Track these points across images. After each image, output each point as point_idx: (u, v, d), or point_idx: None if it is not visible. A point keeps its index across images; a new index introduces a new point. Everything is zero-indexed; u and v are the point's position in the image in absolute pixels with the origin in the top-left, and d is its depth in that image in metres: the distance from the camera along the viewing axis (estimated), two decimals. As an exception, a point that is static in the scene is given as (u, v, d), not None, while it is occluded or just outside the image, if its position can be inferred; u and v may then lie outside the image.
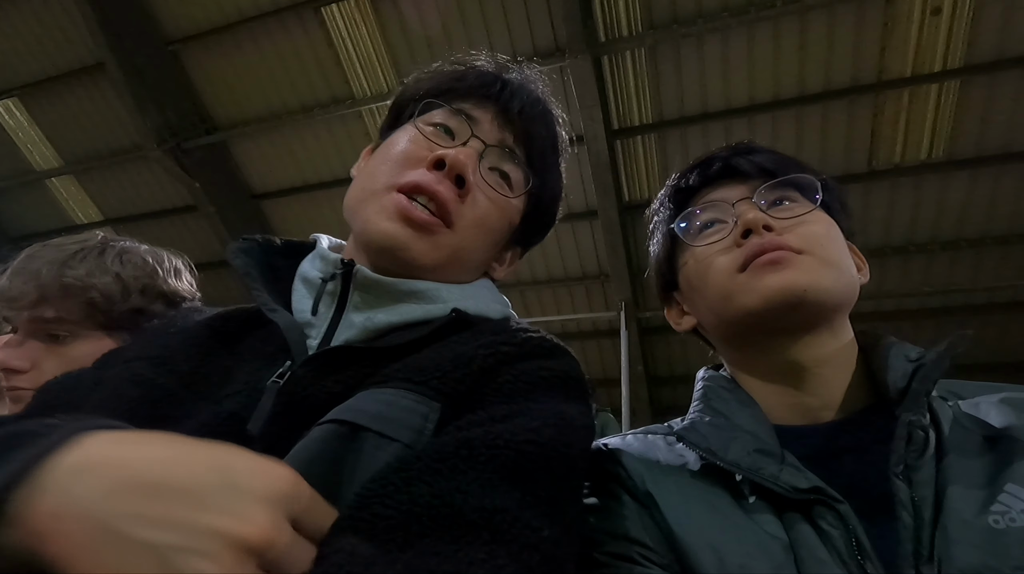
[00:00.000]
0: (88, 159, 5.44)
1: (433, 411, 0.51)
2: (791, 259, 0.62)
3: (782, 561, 0.52)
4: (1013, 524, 0.47)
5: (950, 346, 0.58)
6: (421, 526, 0.40)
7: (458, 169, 0.62)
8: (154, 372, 0.56)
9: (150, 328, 0.67)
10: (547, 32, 4.13)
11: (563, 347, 0.61)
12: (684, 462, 0.64)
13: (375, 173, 0.65)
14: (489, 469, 0.44)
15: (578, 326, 5.98)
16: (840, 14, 3.73)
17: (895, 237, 4.64)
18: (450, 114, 0.67)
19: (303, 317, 0.62)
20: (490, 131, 0.67)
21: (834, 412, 0.63)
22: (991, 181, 4.28)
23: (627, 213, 4.80)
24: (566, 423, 0.51)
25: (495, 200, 0.67)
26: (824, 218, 0.69)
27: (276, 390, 0.53)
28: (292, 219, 5.56)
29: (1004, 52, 3.70)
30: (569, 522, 0.47)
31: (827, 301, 0.62)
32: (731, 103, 4.24)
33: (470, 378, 0.53)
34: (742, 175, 0.71)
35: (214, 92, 4.91)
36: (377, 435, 0.48)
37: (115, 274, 0.97)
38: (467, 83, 0.69)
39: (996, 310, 4.93)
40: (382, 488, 0.42)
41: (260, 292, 0.61)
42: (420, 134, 0.66)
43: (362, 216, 0.63)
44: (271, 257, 0.70)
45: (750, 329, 0.67)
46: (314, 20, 4.38)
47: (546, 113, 0.73)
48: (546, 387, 0.54)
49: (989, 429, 0.57)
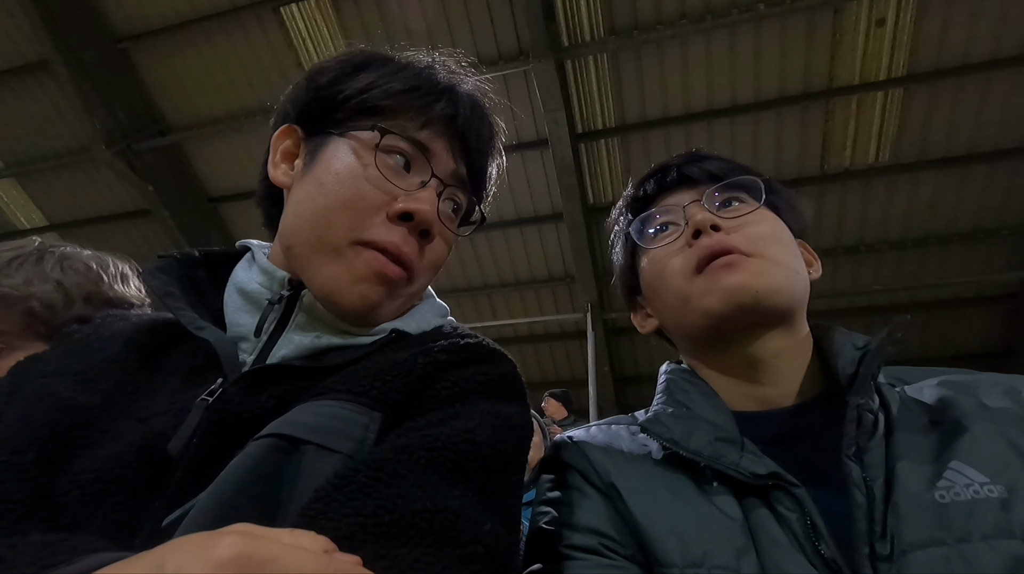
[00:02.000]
0: (31, 161, 5.19)
1: (374, 421, 0.50)
2: (743, 262, 0.65)
3: (743, 545, 0.53)
4: (957, 498, 0.49)
5: (891, 332, 0.61)
6: (366, 534, 0.40)
7: (426, 225, 0.60)
8: (74, 390, 0.53)
9: (72, 337, 0.62)
10: (511, 35, 4.16)
11: (500, 351, 0.61)
12: (648, 451, 0.65)
13: (330, 219, 0.58)
14: (429, 471, 0.45)
15: (545, 328, 6.01)
16: (792, 23, 3.89)
17: (847, 237, 4.84)
18: (406, 144, 0.61)
19: (238, 331, 0.59)
20: (446, 164, 0.63)
21: (791, 399, 0.66)
22: (933, 184, 4.52)
23: (592, 215, 4.87)
24: (502, 421, 0.52)
25: (447, 238, 0.66)
26: (770, 217, 0.72)
27: (204, 407, 0.51)
28: (253, 223, 5.39)
29: (942, 63, 3.93)
30: (509, 515, 0.49)
31: (780, 300, 0.65)
32: (691, 108, 4.36)
33: (409, 387, 0.53)
34: (692, 181, 0.74)
35: (167, 92, 4.75)
36: (318, 447, 0.47)
37: (56, 281, 0.91)
38: (428, 108, 0.62)
39: (939, 306, 5.20)
40: (326, 505, 0.42)
41: (184, 310, 0.58)
42: (376, 169, 0.59)
43: (325, 272, 0.58)
44: (191, 270, 0.66)
45: (709, 329, 0.69)
46: (273, 20, 4.29)
47: (495, 133, 0.70)
48: (482, 391, 0.54)
49: (932, 410, 0.60)
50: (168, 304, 0.59)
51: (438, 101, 0.62)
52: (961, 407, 0.58)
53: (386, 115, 0.61)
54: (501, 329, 5.95)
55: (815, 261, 0.76)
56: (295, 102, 0.67)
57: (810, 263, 0.75)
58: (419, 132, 0.61)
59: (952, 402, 0.59)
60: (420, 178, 0.61)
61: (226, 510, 0.43)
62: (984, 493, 0.49)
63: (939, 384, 0.63)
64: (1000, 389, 0.60)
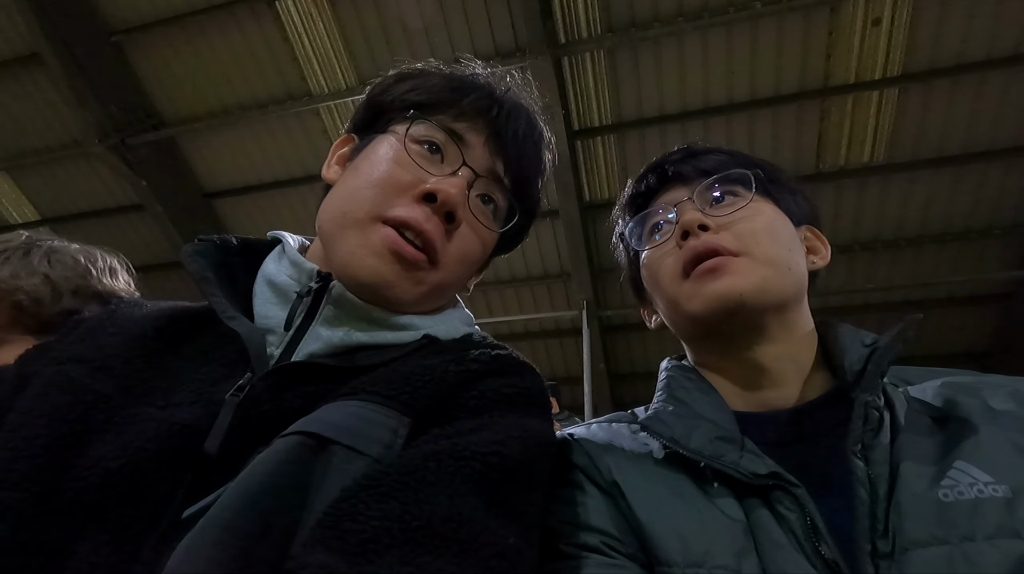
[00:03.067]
0: (22, 155, 5.12)
1: (403, 426, 0.50)
2: (728, 264, 0.64)
3: (743, 545, 0.53)
4: (961, 497, 0.49)
5: (902, 330, 0.61)
6: (392, 538, 0.40)
7: (449, 206, 0.60)
8: (90, 377, 0.52)
9: (84, 325, 0.61)
10: (508, 32, 4.14)
11: (528, 364, 0.62)
12: (648, 450, 0.65)
13: (357, 195, 0.61)
14: (457, 480, 0.45)
15: (540, 325, 6.01)
16: (788, 21, 3.88)
17: (841, 236, 4.85)
18: (440, 133, 0.63)
19: (266, 323, 0.59)
20: (481, 157, 0.64)
21: (793, 401, 0.65)
22: (927, 184, 4.54)
23: (588, 212, 4.86)
24: (529, 436, 0.52)
25: (480, 233, 0.65)
26: (765, 210, 0.70)
27: (235, 404, 0.51)
28: (247, 219, 5.38)
29: (937, 62, 3.94)
30: (531, 530, 0.49)
31: (767, 301, 0.64)
32: (687, 106, 4.35)
33: (440, 394, 0.53)
34: (685, 178, 0.73)
35: (161, 86, 4.70)
36: (346, 449, 0.47)
37: (43, 275, 0.91)
38: (461, 100, 0.65)
39: (933, 305, 5.22)
40: (352, 506, 0.42)
41: (219, 298, 0.58)
42: (407, 154, 0.61)
43: (345, 245, 0.59)
44: (227, 257, 0.66)
45: (699, 334, 0.70)
46: (268, 14, 4.25)
47: (539, 137, 0.71)
48: (510, 403, 0.55)
49: (936, 411, 0.59)
50: (203, 289, 0.59)
51: (472, 94, 0.65)
52: (966, 408, 0.58)
53: (424, 110, 0.64)
54: (497, 326, 5.95)
55: (823, 248, 0.75)
56: (353, 116, 0.73)
57: (816, 250, 0.74)
58: (453, 123, 0.63)
59: (956, 403, 0.59)
60: (452, 167, 0.63)
61: (248, 505, 0.42)
62: (988, 493, 0.49)
63: (943, 385, 0.62)
64: (1004, 391, 0.59)
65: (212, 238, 0.66)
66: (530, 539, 0.48)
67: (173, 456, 0.48)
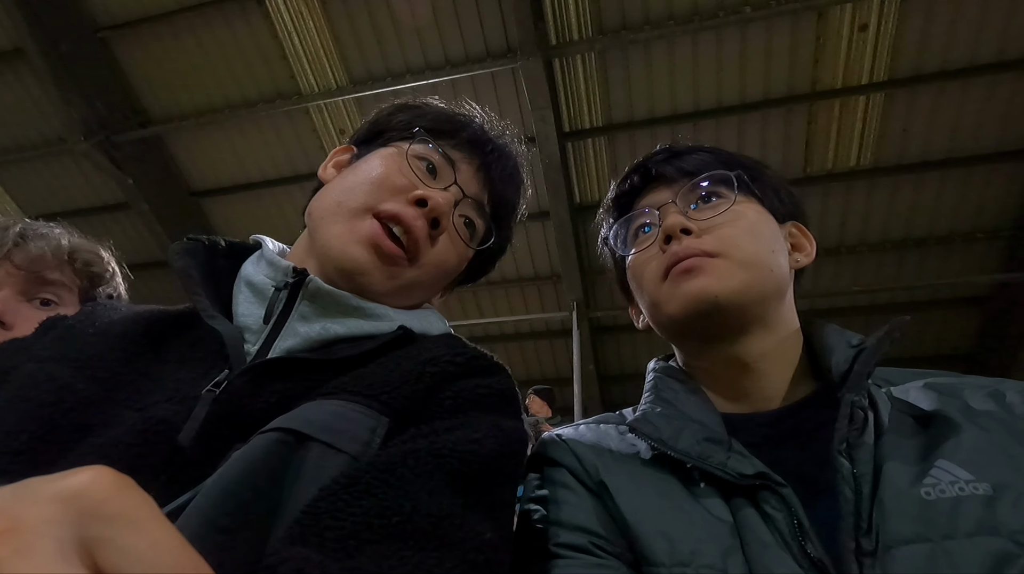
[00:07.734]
0: (5, 152, 5.04)
1: (381, 425, 0.51)
2: (704, 265, 0.64)
3: (730, 545, 0.53)
4: (943, 495, 0.50)
5: (889, 331, 0.61)
6: (372, 534, 0.41)
7: (438, 212, 0.65)
8: (72, 376, 0.53)
9: (60, 324, 0.61)
10: (499, 33, 4.14)
11: (501, 365, 0.64)
12: (636, 451, 0.65)
13: (354, 189, 0.66)
14: (435, 477, 0.46)
15: (531, 326, 6.01)
16: (777, 27, 3.93)
17: (828, 239, 4.91)
18: (437, 155, 0.69)
19: (244, 321, 0.60)
20: (469, 183, 0.71)
21: (779, 401, 0.66)
22: (912, 188, 4.60)
23: (578, 214, 4.87)
24: (504, 435, 0.54)
25: (458, 247, 0.71)
26: (748, 210, 0.70)
27: (211, 399, 0.51)
28: (235, 218, 5.33)
29: (922, 68, 4.00)
30: (506, 526, 0.52)
31: (744, 302, 0.64)
32: (677, 108, 4.38)
33: (416, 394, 0.54)
34: (668, 179, 0.73)
35: (148, 83, 4.65)
36: (324, 446, 0.47)
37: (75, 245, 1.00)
38: (460, 131, 0.72)
39: (918, 307, 5.30)
40: (332, 504, 0.43)
41: (200, 297, 0.59)
42: (407, 163, 0.67)
43: (330, 230, 0.63)
44: (214, 259, 0.67)
45: (680, 335, 0.70)
46: (257, 12, 4.22)
47: (520, 183, 0.79)
48: (485, 404, 0.56)
49: (919, 411, 0.60)
50: (186, 287, 0.60)
51: (469, 129, 0.73)
52: (947, 409, 0.58)
53: (426, 132, 0.71)
54: (487, 327, 5.94)
55: (808, 244, 0.75)
56: (355, 133, 0.79)
57: (801, 247, 0.74)
58: (450, 150, 0.70)
59: (938, 404, 0.60)
60: (443, 184, 0.68)
61: (227, 499, 0.42)
62: (969, 490, 0.50)
63: (925, 386, 0.63)
64: (985, 392, 0.60)
65: (201, 238, 0.67)
66: (505, 534, 0.50)
67: (149, 452, 0.48)
